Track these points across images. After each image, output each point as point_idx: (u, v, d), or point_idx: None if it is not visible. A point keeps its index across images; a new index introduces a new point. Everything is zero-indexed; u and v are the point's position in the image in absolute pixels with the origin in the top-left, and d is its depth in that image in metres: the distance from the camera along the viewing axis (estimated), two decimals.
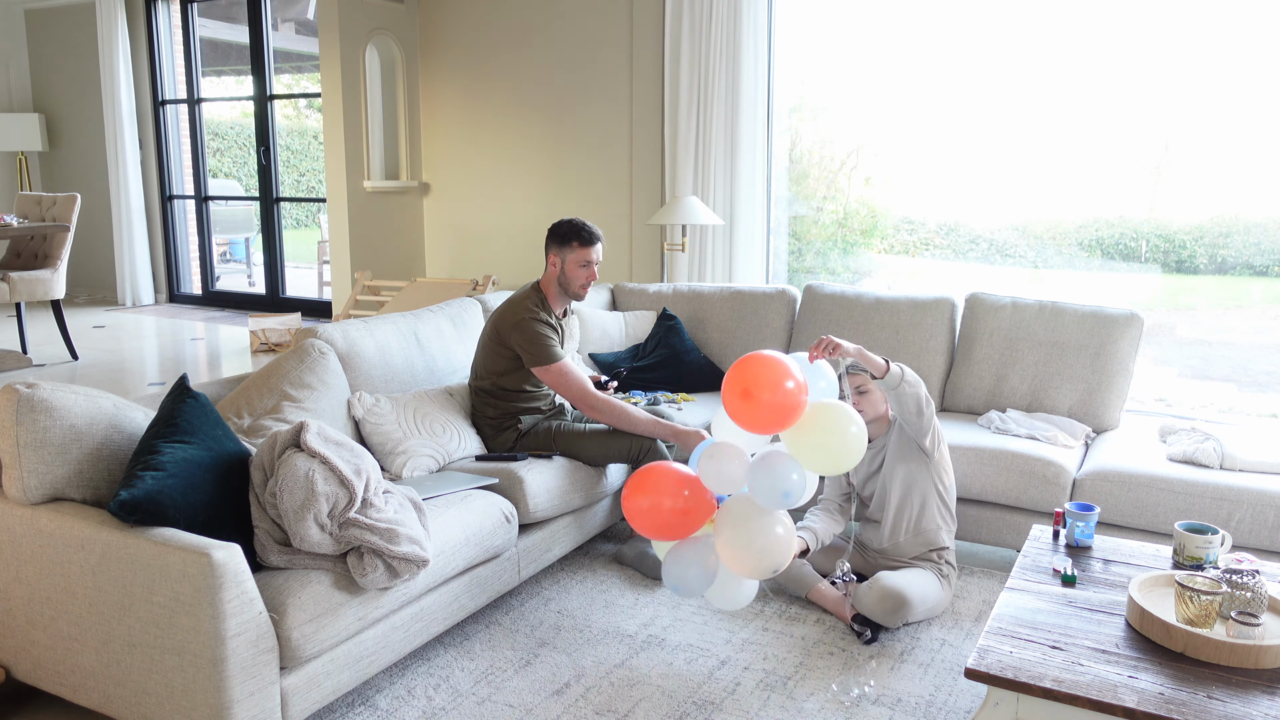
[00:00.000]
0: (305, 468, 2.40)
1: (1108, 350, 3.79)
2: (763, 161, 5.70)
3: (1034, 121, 5.59)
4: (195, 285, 9.16)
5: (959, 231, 6.15)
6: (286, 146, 12.59)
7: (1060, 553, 2.64)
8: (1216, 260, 5.39)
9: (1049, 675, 2.00)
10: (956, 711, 2.58)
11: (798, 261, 6.35)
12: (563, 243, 3.40)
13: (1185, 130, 5.30)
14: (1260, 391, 5.12)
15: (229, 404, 2.96)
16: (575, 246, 3.39)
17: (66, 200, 6.64)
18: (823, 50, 6.01)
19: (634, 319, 4.52)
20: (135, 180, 8.69)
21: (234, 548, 2.16)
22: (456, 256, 7.34)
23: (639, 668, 2.80)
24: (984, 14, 5.54)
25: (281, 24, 10.37)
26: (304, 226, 13.20)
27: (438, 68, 7.12)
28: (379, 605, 2.50)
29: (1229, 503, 3.10)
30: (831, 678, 2.74)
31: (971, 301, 4.10)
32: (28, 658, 2.44)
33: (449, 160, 7.22)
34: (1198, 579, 2.16)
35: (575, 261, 3.39)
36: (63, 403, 2.36)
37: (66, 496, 2.38)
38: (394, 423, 3.20)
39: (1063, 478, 3.31)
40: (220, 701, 2.13)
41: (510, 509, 3.02)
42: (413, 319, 3.68)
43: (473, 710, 2.58)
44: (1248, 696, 1.92)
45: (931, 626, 3.03)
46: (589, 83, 6.44)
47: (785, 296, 4.44)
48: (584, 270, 3.40)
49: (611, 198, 6.43)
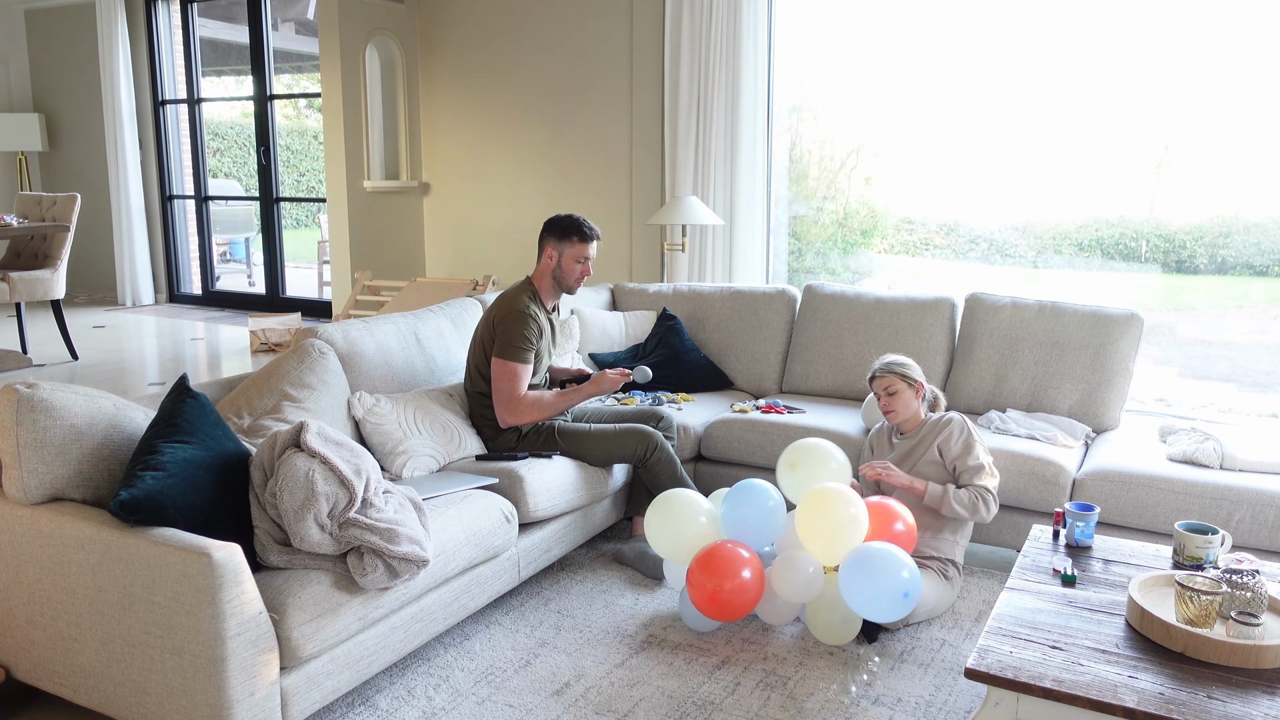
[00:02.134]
0: (305, 468, 2.40)
1: (1108, 350, 3.79)
2: (763, 161, 5.70)
3: (1034, 121, 5.59)
4: (195, 285, 9.16)
5: (959, 231, 6.15)
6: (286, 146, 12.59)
7: (1060, 553, 2.64)
8: (1216, 260, 5.39)
9: (1049, 675, 2.00)
10: (956, 711, 2.58)
11: (798, 261, 6.35)
12: (562, 235, 3.40)
13: (1185, 130, 5.30)
14: (1260, 391, 5.12)
15: (229, 404, 2.96)
16: (575, 241, 3.40)
17: (66, 200, 6.64)
18: (823, 50, 6.01)
19: (634, 319, 4.52)
20: (135, 180, 8.69)
21: (234, 548, 2.16)
22: (456, 256, 7.34)
23: (639, 668, 2.80)
24: (984, 14, 5.54)
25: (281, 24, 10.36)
26: (304, 226, 13.20)
27: (438, 68, 7.12)
28: (379, 605, 2.50)
29: (1229, 503, 3.10)
30: (831, 678, 2.74)
31: (971, 301, 4.10)
32: (28, 658, 2.43)
33: (449, 160, 7.22)
34: (1198, 579, 2.16)
35: (573, 256, 3.40)
36: (63, 403, 2.36)
37: (66, 496, 2.38)
38: (394, 423, 3.20)
39: (1063, 478, 3.31)
40: (220, 701, 2.13)
41: (510, 509, 3.02)
42: (413, 319, 3.68)
43: (473, 710, 2.58)
44: (1248, 696, 1.92)
45: (931, 626, 3.03)
46: (589, 83, 6.44)
47: (785, 296, 4.45)
48: (580, 265, 3.42)
49: (611, 198, 6.43)
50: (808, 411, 3.93)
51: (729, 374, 4.43)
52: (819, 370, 4.25)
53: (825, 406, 4.05)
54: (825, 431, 3.66)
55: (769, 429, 3.76)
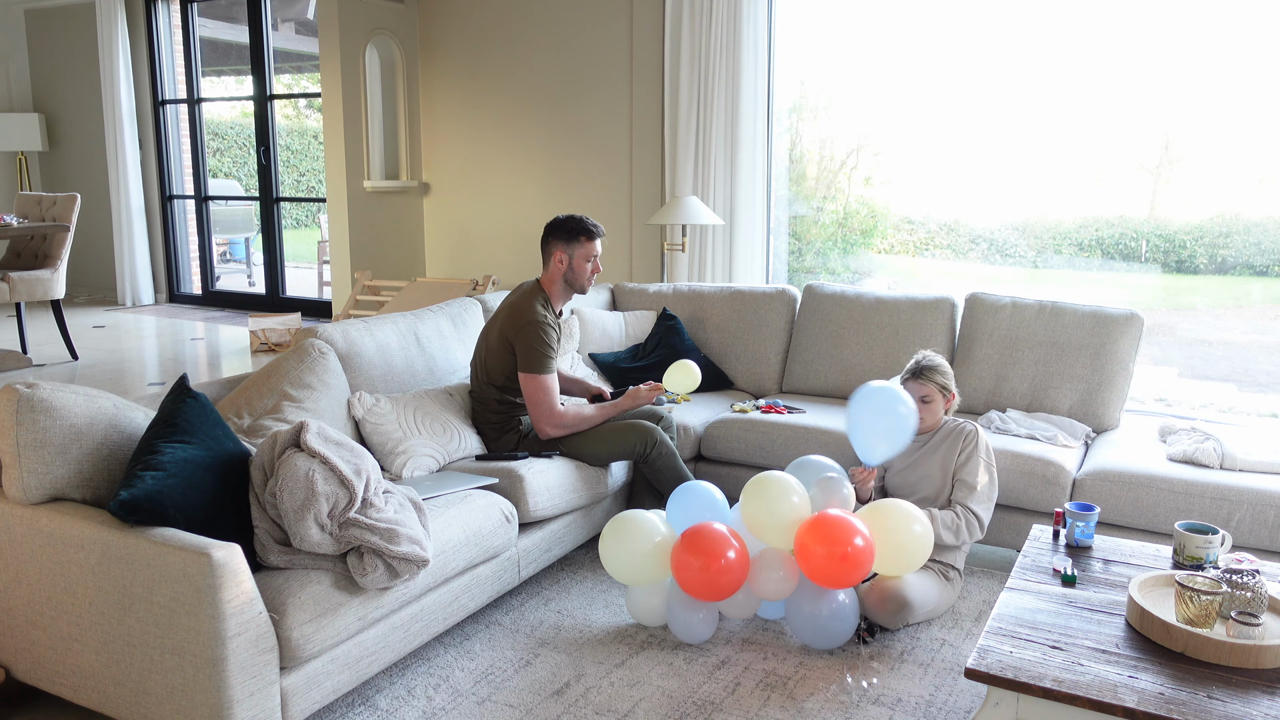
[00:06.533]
0: (305, 468, 2.40)
1: (1108, 350, 3.78)
2: (763, 161, 5.70)
3: (1034, 121, 5.59)
4: (195, 285, 9.16)
5: (959, 231, 6.15)
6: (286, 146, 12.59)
7: (1060, 553, 2.64)
8: (1216, 260, 5.39)
9: (1049, 675, 2.00)
10: (956, 711, 2.58)
11: (798, 261, 6.35)
12: (570, 238, 3.40)
13: (1186, 130, 5.30)
14: (1260, 391, 5.12)
15: (229, 404, 2.95)
16: (583, 241, 3.40)
17: (66, 200, 6.64)
18: (823, 50, 6.01)
19: (634, 319, 4.52)
20: (135, 180, 8.69)
21: (234, 548, 2.16)
22: (456, 256, 7.34)
23: (639, 668, 2.80)
24: (984, 13, 5.54)
25: (281, 24, 10.37)
26: (304, 226, 13.20)
27: (438, 68, 7.12)
28: (379, 605, 2.50)
29: (1229, 503, 3.10)
30: (831, 678, 2.74)
31: (971, 301, 4.10)
32: (28, 658, 2.43)
33: (449, 160, 7.22)
34: (1198, 579, 2.16)
35: (583, 256, 3.41)
36: (63, 403, 2.35)
37: (66, 496, 2.38)
38: (394, 423, 3.20)
39: (1063, 477, 3.31)
40: (220, 701, 2.13)
41: (510, 509, 3.02)
42: (413, 319, 3.68)
43: (473, 710, 2.58)
44: (1248, 696, 1.92)
45: (931, 626, 3.03)
46: (589, 82, 6.44)
47: (785, 296, 4.44)
48: (591, 264, 3.43)
49: (611, 198, 6.43)
50: (808, 411, 3.93)
51: (729, 374, 4.43)
52: (819, 370, 4.25)
53: (825, 406, 4.05)
54: (825, 431, 3.66)
55: (769, 429, 3.76)
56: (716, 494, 3.02)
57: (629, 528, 2.95)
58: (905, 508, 2.85)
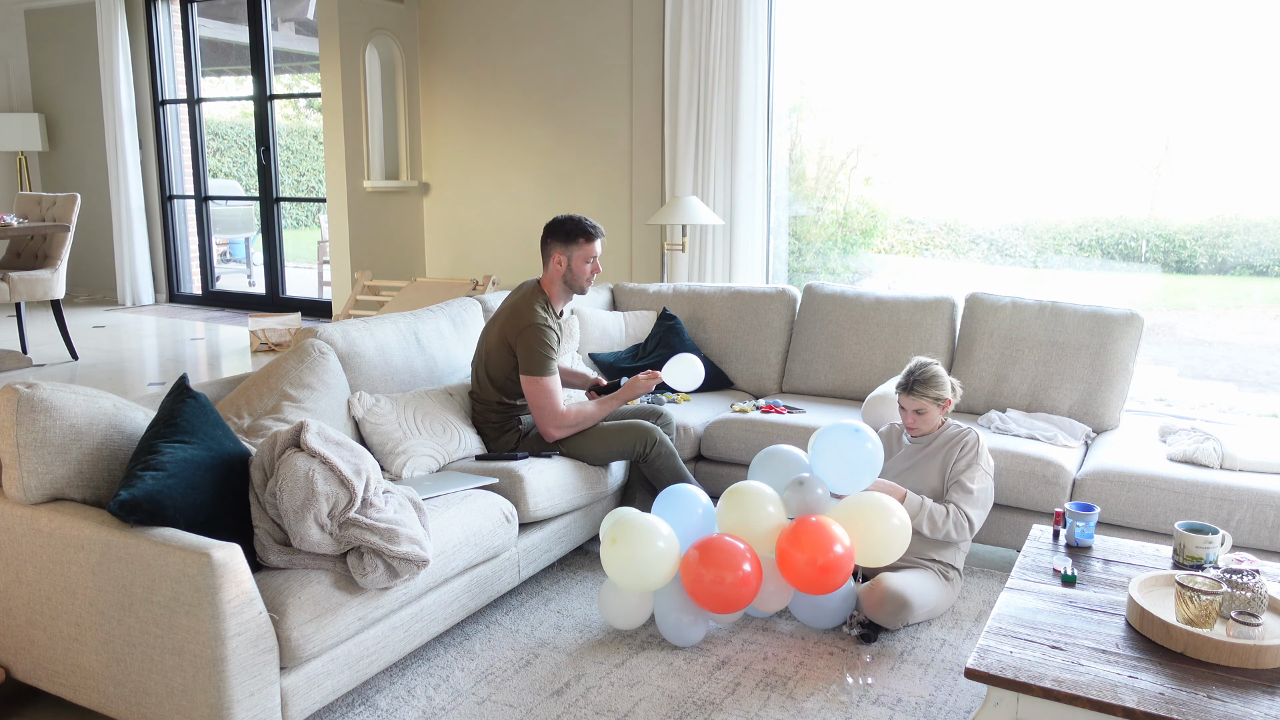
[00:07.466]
0: (305, 468, 2.40)
1: (1108, 350, 3.78)
2: (763, 161, 5.70)
3: (1034, 121, 5.59)
4: (195, 285, 9.16)
5: (959, 231, 6.15)
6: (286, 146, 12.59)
7: (1060, 553, 2.64)
8: (1216, 260, 5.39)
9: (1049, 675, 2.00)
10: (956, 711, 2.58)
11: (798, 261, 6.35)
12: (568, 239, 3.40)
13: (1186, 130, 5.30)
14: (1260, 391, 5.12)
15: (229, 404, 2.96)
16: (582, 242, 3.40)
17: (66, 200, 6.64)
18: (823, 50, 6.01)
19: (634, 319, 4.52)
20: (135, 180, 8.69)
21: (234, 548, 2.16)
22: (456, 256, 7.34)
23: (639, 668, 2.80)
24: (984, 13, 5.54)
25: (281, 24, 10.37)
26: (304, 226, 13.20)
27: (438, 68, 7.12)
28: (379, 605, 2.50)
29: (1229, 503, 3.10)
30: (831, 678, 2.74)
31: (971, 301, 4.10)
32: (28, 658, 2.43)
33: (449, 160, 7.22)
34: (1198, 579, 2.16)
35: (582, 257, 3.40)
36: (63, 403, 2.35)
37: (66, 496, 2.38)
38: (394, 423, 3.20)
39: (1063, 478, 3.31)
40: (220, 701, 2.13)
41: (510, 509, 3.02)
42: (413, 319, 3.68)
43: (473, 710, 2.58)
44: (1248, 696, 1.92)
45: (931, 626, 3.03)
46: (589, 82, 6.44)
47: (785, 296, 4.44)
48: (590, 265, 3.42)
49: (611, 198, 6.43)
50: (808, 411, 3.94)
51: (729, 374, 4.43)
52: (819, 370, 4.25)
53: (825, 406, 4.05)
54: None
55: (769, 429, 3.75)
56: (703, 498, 3.05)
57: (634, 532, 2.89)
58: (883, 503, 2.86)
